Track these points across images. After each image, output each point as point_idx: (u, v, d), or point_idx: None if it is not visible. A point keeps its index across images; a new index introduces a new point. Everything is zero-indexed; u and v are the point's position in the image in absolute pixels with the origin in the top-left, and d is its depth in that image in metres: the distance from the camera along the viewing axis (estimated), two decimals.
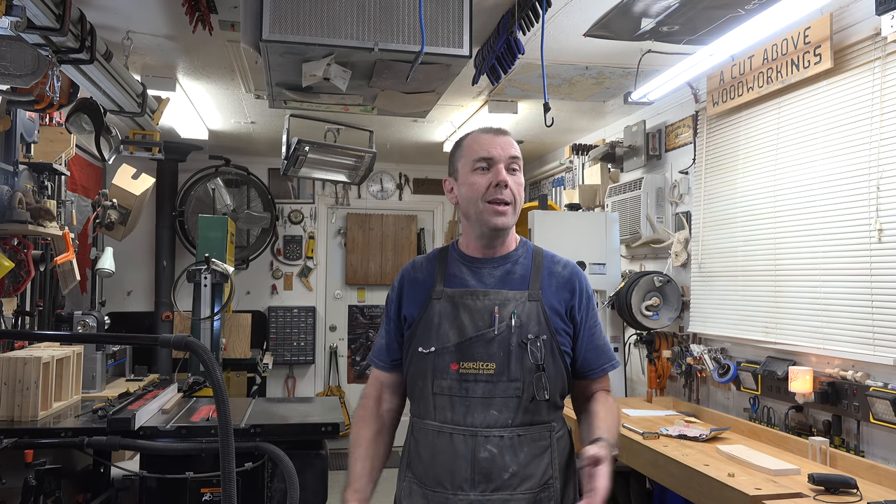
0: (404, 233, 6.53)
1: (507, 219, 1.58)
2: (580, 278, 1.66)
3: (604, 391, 1.67)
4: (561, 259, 1.69)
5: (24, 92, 2.64)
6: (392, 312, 1.69)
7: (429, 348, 1.58)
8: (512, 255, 1.65)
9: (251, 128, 5.04)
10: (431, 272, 1.67)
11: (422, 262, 1.72)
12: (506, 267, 1.63)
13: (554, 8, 2.72)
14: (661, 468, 2.61)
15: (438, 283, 1.63)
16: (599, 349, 1.65)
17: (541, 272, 1.63)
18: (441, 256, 1.69)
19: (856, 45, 2.65)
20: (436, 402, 1.57)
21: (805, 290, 2.89)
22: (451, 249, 1.70)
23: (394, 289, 1.71)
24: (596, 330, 1.66)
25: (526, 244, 1.70)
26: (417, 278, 1.68)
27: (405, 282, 1.69)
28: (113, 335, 2.21)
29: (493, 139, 1.61)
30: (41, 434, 2.49)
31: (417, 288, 1.66)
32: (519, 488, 1.51)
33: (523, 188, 1.63)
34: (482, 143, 1.61)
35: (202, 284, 3.79)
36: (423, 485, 1.57)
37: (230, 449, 1.20)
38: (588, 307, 1.65)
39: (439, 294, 1.61)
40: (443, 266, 1.66)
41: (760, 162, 3.18)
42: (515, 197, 1.59)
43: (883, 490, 2.23)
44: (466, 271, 1.64)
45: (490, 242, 1.63)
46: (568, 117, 4.55)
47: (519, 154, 1.62)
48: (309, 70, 2.54)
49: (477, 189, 1.58)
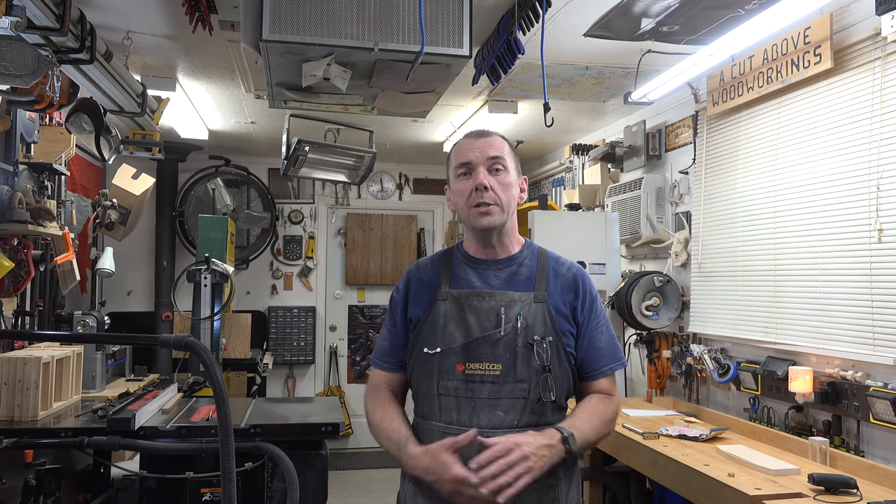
0: (404, 233, 6.53)
1: (493, 218, 1.58)
2: (584, 280, 1.66)
3: (601, 394, 1.64)
4: (566, 261, 1.69)
5: (24, 92, 2.64)
6: (398, 314, 1.69)
7: (434, 349, 1.58)
8: (517, 257, 1.65)
9: (251, 128, 5.04)
10: (436, 273, 1.67)
11: (426, 263, 1.72)
12: (511, 269, 1.64)
13: (554, 8, 2.72)
14: (661, 468, 2.61)
15: (444, 284, 1.64)
16: (599, 351, 1.64)
17: (546, 274, 1.63)
18: (446, 258, 1.70)
19: (856, 45, 2.65)
20: (441, 402, 1.57)
21: (805, 290, 2.89)
22: (456, 251, 1.70)
23: (399, 290, 1.71)
24: (598, 332, 1.64)
25: (531, 246, 1.70)
26: (423, 279, 1.68)
27: (411, 283, 1.70)
28: (113, 335, 2.20)
29: (472, 143, 1.62)
30: (41, 434, 2.49)
31: (423, 289, 1.66)
32: (524, 491, 1.51)
33: (513, 186, 1.62)
34: (461, 148, 1.63)
35: (202, 284, 3.78)
36: (428, 486, 1.56)
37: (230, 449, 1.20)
38: (591, 309, 1.64)
39: (445, 295, 1.62)
40: (448, 267, 1.67)
41: (760, 162, 3.18)
42: (500, 196, 1.58)
43: (883, 490, 2.23)
44: (472, 273, 1.64)
45: (487, 242, 1.63)
46: (568, 117, 4.55)
47: (501, 153, 1.61)
48: (309, 70, 2.54)
49: (462, 195, 1.61)
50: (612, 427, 1.62)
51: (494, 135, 1.65)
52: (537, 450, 1.43)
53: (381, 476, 5.60)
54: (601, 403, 1.61)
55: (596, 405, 1.60)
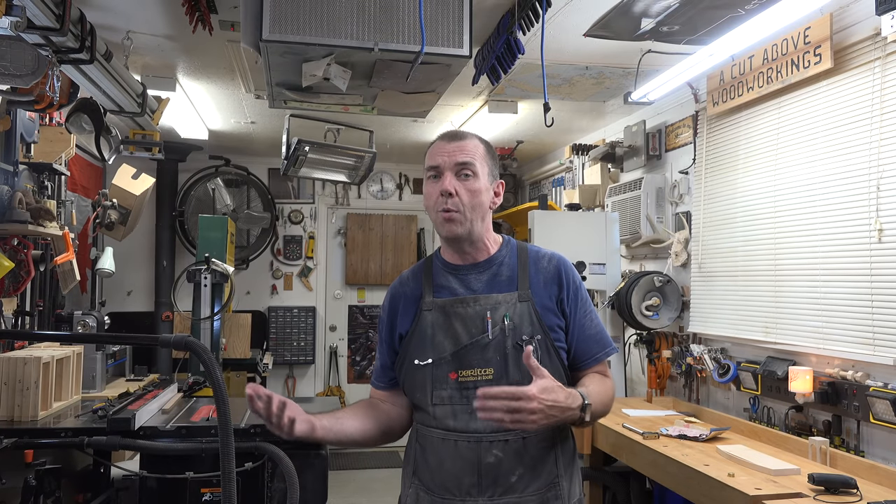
0: (404, 233, 6.53)
1: (456, 227, 1.55)
2: (566, 270, 1.63)
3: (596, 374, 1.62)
4: (546, 252, 1.66)
5: (24, 92, 2.64)
6: (384, 333, 1.68)
7: (425, 360, 1.57)
8: (496, 258, 1.63)
9: (251, 128, 5.04)
10: (419, 284, 1.65)
11: (408, 276, 1.71)
12: (491, 270, 1.61)
13: (554, 8, 2.71)
14: (661, 468, 2.61)
15: (427, 295, 1.62)
16: (591, 339, 1.61)
17: (527, 270, 1.61)
18: (426, 267, 1.68)
19: (856, 45, 2.65)
20: (436, 412, 1.56)
21: (805, 290, 2.89)
22: (435, 258, 1.68)
23: (384, 309, 1.70)
24: (587, 320, 1.62)
25: (509, 243, 1.67)
26: (405, 293, 1.67)
27: (394, 299, 1.68)
28: (113, 335, 2.21)
29: (443, 147, 1.58)
30: (41, 434, 2.49)
31: (407, 302, 1.65)
32: (526, 490, 1.51)
33: (482, 192, 1.57)
34: (432, 151, 1.60)
35: (202, 284, 3.78)
36: (431, 491, 1.56)
37: (230, 449, 1.19)
38: (577, 298, 1.62)
39: (429, 305, 1.60)
40: (429, 277, 1.65)
41: (760, 162, 3.18)
42: (464, 204, 1.54)
43: (883, 490, 2.23)
44: (453, 279, 1.62)
45: (458, 248, 1.61)
46: (568, 117, 4.55)
47: (471, 158, 1.56)
48: (309, 70, 2.54)
49: (430, 198, 1.58)
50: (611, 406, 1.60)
51: (469, 138, 1.61)
52: (549, 408, 1.36)
53: (381, 476, 5.60)
54: (602, 383, 1.58)
55: (601, 381, 1.58)
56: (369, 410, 1.67)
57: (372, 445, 1.69)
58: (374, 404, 1.70)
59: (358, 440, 1.62)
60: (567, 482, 1.56)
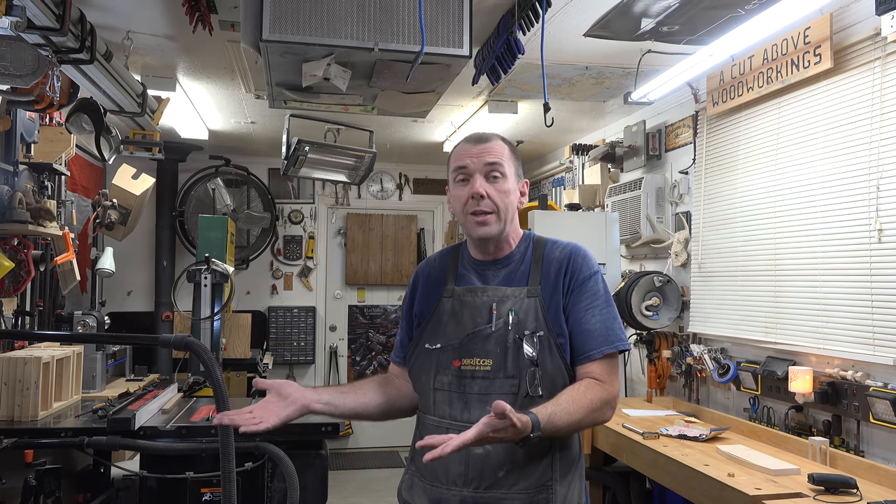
0: (404, 233, 6.53)
1: (490, 228, 1.57)
2: (572, 259, 1.59)
3: (590, 379, 1.52)
4: (561, 244, 1.64)
5: (24, 92, 2.64)
6: (405, 309, 1.74)
7: (435, 345, 1.60)
8: (514, 255, 1.65)
9: (251, 128, 5.04)
10: (444, 269, 1.70)
11: (435, 259, 1.75)
12: (510, 267, 1.64)
13: (554, 8, 2.72)
14: (661, 468, 2.61)
15: (450, 282, 1.66)
16: (588, 333, 1.54)
17: (541, 264, 1.61)
18: (454, 254, 1.72)
19: (856, 45, 2.65)
20: (436, 397, 1.58)
21: (805, 290, 2.89)
22: (463, 249, 1.72)
23: (409, 286, 1.75)
24: (587, 313, 1.55)
25: (528, 237, 1.68)
26: (430, 275, 1.71)
27: (420, 280, 1.73)
28: (113, 335, 2.21)
29: (470, 149, 1.60)
30: (41, 434, 2.49)
31: (430, 286, 1.69)
32: (514, 488, 1.50)
33: (511, 192, 1.59)
34: (459, 153, 1.61)
35: (202, 284, 3.78)
36: (423, 478, 1.59)
37: (230, 449, 1.20)
38: (580, 289, 1.57)
39: (449, 292, 1.64)
40: (454, 265, 1.69)
41: (760, 162, 3.18)
42: (497, 205, 1.56)
43: (883, 490, 2.23)
44: (473, 273, 1.66)
45: (485, 248, 1.64)
46: (568, 117, 4.55)
47: (499, 159, 1.57)
48: (309, 70, 2.54)
49: (459, 201, 1.60)
50: (602, 415, 1.51)
51: (494, 139, 1.62)
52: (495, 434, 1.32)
53: (381, 476, 5.60)
54: (588, 390, 1.48)
55: (581, 391, 1.48)
56: (380, 385, 1.71)
57: (379, 419, 1.72)
58: (389, 380, 1.74)
59: (361, 413, 1.66)
60: (563, 488, 1.53)
